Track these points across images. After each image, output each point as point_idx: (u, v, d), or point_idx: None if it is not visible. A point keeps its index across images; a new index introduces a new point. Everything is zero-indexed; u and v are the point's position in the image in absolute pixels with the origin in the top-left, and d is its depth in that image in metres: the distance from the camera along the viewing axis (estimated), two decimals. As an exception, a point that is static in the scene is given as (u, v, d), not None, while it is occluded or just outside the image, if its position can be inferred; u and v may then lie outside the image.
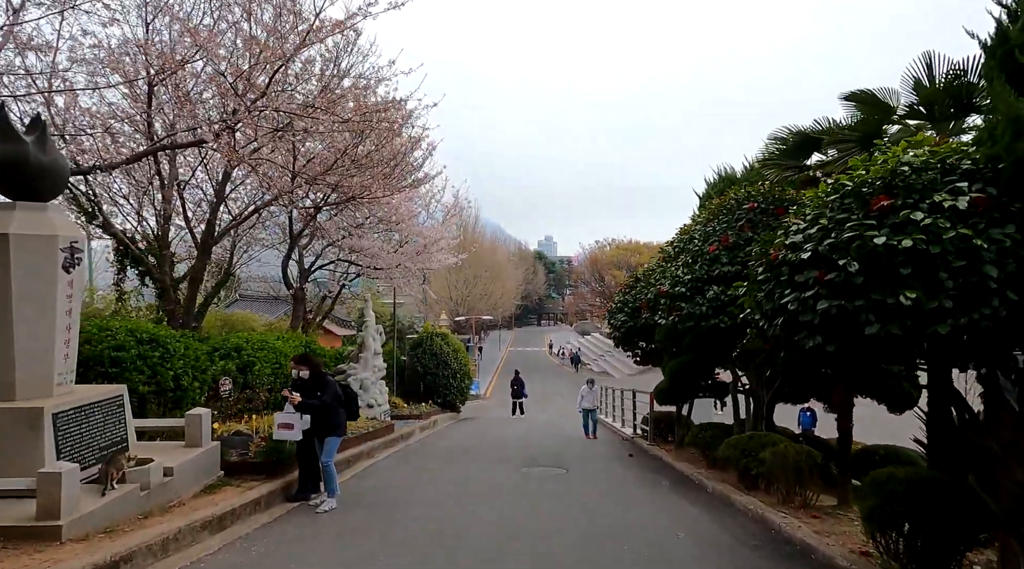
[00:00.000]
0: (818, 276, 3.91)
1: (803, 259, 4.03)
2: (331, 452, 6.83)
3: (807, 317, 4.00)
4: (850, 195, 4.01)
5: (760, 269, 4.67)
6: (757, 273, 4.74)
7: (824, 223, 4.01)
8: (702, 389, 11.66)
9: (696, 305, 8.26)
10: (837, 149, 6.78)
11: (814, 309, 3.93)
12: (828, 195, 4.22)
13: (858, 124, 6.51)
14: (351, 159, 12.33)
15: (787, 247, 4.29)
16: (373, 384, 14.74)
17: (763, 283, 4.54)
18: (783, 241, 4.39)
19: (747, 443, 8.29)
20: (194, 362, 8.92)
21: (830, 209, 4.13)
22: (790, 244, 4.26)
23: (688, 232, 9.14)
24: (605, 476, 9.58)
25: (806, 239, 4.13)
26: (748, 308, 5.13)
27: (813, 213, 4.24)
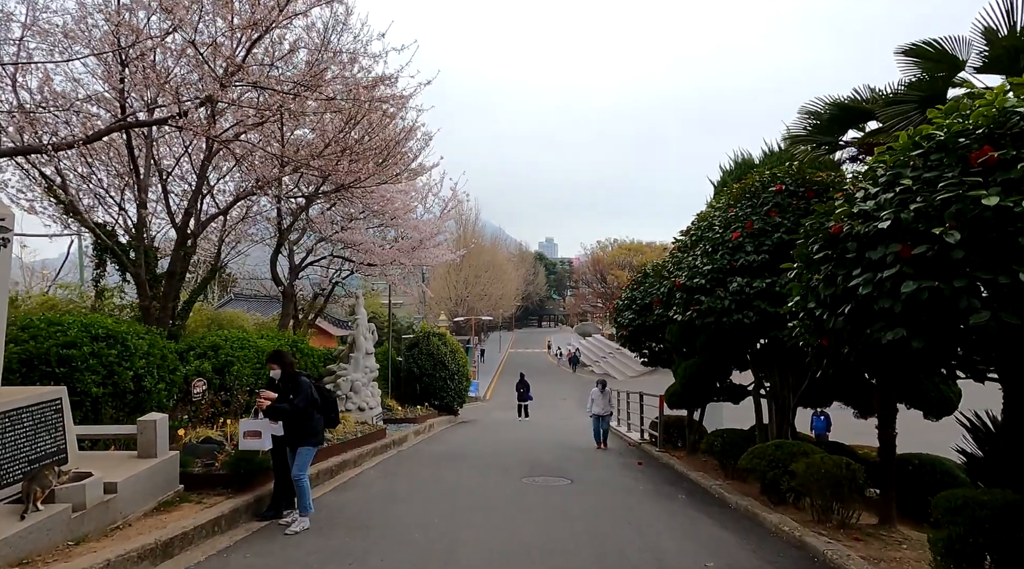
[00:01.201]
0: (901, 251, 3.07)
1: (880, 230, 3.18)
2: (304, 464, 5.96)
3: (885, 303, 3.15)
4: (940, 149, 3.16)
5: (815, 247, 3.82)
6: (811, 252, 3.88)
7: (907, 183, 3.16)
8: (717, 392, 10.81)
9: (717, 299, 7.40)
10: (891, 113, 5.91)
11: (895, 293, 3.08)
12: (909, 150, 3.36)
13: (917, 83, 5.65)
14: (341, 147, 11.49)
15: (854, 217, 3.44)
16: (365, 386, 13.88)
17: (820, 263, 3.70)
18: (847, 210, 3.53)
19: (773, 453, 7.42)
20: (160, 361, 8.07)
21: (912, 168, 3.27)
22: (858, 213, 3.41)
23: (706, 218, 8.29)
24: (613, 488, 8.72)
25: (881, 205, 3.27)
26: (796, 296, 4.27)
27: (888, 174, 3.39)
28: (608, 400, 14.24)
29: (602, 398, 14.05)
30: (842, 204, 3.66)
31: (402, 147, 13.85)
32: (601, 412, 13.97)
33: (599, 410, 13.98)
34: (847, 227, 3.43)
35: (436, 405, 19.93)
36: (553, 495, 8.03)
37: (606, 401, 14.11)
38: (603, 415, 14.01)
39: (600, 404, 14.00)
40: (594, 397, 14.13)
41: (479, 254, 53.54)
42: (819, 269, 3.72)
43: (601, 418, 13.96)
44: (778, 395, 8.69)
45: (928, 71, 5.53)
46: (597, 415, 13.97)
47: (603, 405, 14.03)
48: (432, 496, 7.73)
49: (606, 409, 14.12)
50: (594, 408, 14.02)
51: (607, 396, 14.23)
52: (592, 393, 14.25)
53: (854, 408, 9.21)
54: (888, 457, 6.67)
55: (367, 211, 16.66)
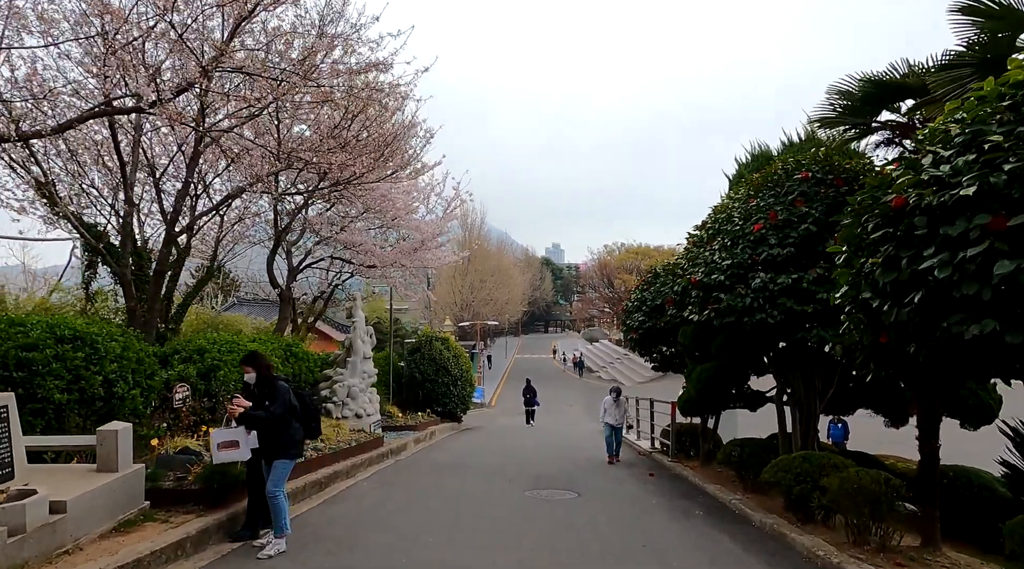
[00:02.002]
0: (991, 223, 2.45)
1: (961, 198, 2.56)
2: (280, 479, 5.35)
3: (969, 289, 2.53)
4: (1036, 97, 2.55)
5: (871, 225, 3.19)
6: (863, 232, 3.26)
7: (997, 140, 2.54)
8: (734, 399, 10.13)
9: (738, 296, 6.76)
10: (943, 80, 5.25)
11: (983, 276, 2.46)
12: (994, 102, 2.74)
13: (975, 45, 4.99)
14: (339, 143, 10.95)
15: (923, 186, 2.82)
16: (362, 392, 13.28)
17: (877, 244, 3.07)
18: (912, 178, 2.91)
19: (800, 466, 6.76)
20: (136, 365, 7.48)
21: (1000, 122, 2.65)
22: (929, 180, 2.78)
23: (724, 210, 7.66)
24: (625, 502, 8.07)
25: (959, 170, 2.65)
26: (844, 285, 3.64)
27: (966, 133, 2.76)
28: (623, 410, 12.97)
29: (616, 407, 12.73)
30: (904, 171, 3.04)
31: (402, 143, 13.31)
32: (615, 423, 12.64)
33: (612, 421, 12.65)
34: (913, 198, 2.82)
35: (439, 412, 19.31)
36: (559, 511, 7.39)
37: (621, 411, 12.80)
38: (617, 426, 12.69)
39: (614, 414, 12.70)
40: (607, 406, 12.80)
41: (485, 259, 53.03)
42: (875, 251, 3.10)
43: (615, 429, 12.66)
44: (802, 402, 8.03)
45: (989, 30, 4.89)
46: (610, 426, 12.66)
47: (617, 415, 12.71)
48: (425, 512, 7.11)
49: (620, 420, 12.77)
50: (607, 418, 12.72)
51: (622, 406, 12.92)
52: (605, 402, 12.95)
53: (885, 416, 8.53)
54: (930, 471, 6.00)
55: (368, 211, 16.09)
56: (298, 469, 7.93)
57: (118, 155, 10.74)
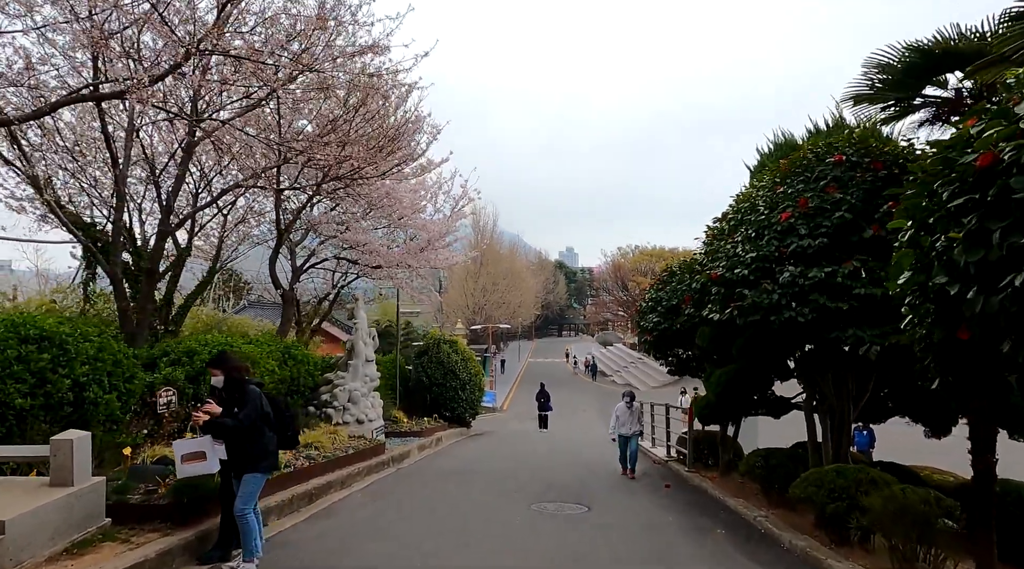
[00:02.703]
0: None
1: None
2: (249, 496, 4.78)
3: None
4: None
5: (946, 194, 2.56)
6: (934, 203, 2.63)
7: None
8: (756, 405, 9.45)
9: (763, 293, 6.10)
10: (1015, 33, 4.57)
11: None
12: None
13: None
14: (340, 138, 10.45)
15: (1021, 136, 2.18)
16: (364, 396, 12.74)
17: (957, 215, 2.45)
18: (1005, 129, 2.28)
19: (834, 480, 6.09)
20: (112, 368, 6.99)
21: None
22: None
23: (748, 198, 7.00)
24: (639, 518, 7.42)
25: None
26: (907, 270, 3.00)
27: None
28: (638, 418, 11.51)
29: (629, 415, 11.34)
30: (991, 123, 2.41)
31: (408, 140, 12.79)
32: (628, 433, 11.24)
33: (626, 430, 11.25)
34: (1009, 153, 2.19)
35: (447, 417, 18.73)
36: (567, 529, 6.77)
37: (634, 418, 11.37)
38: (631, 436, 11.28)
39: (627, 422, 11.31)
40: (619, 413, 11.41)
41: (497, 261, 52.51)
42: (952, 224, 2.47)
43: (629, 439, 11.28)
44: (834, 409, 7.33)
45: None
46: (623, 436, 11.30)
47: (631, 423, 11.31)
48: (420, 528, 6.53)
49: (634, 428, 11.33)
50: (620, 427, 11.32)
51: (636, 412, 11.46)
52: (617, 409, 11.52)
53: (925, 425, 7.80)
54: (986, 490, 5.28)
55: (373, 209, 15.58)
56: (285, 480, 7.39)
57: (109, 149, 10.30)
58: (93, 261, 13.76)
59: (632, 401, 11.53)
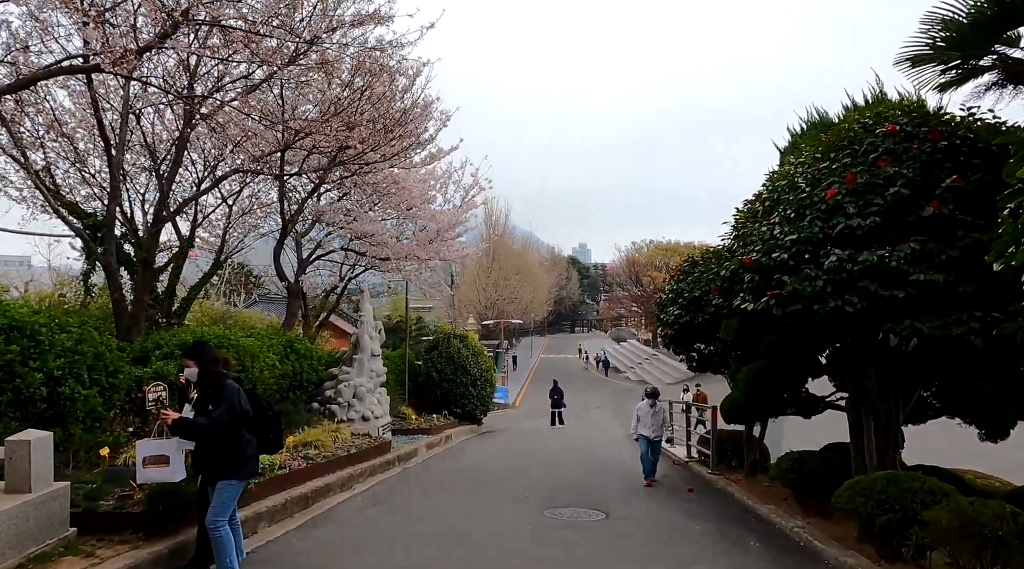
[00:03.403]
0: None
1: None
2: (223, 507, 4.22)
3: None
4: None
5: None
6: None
7: None
8: (786, 403, 8.77)
9: (805, 280, 5.44)
10: None
11: None
12: None
13: None
14: (345, 122, 9.92)
15: None
16: (370, 392, 12.21)
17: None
18: None
19: (885, 489, 5.43)
20: (93, 361, 6.48)
21: None
22: None
23: (786, 176, 6.32)
24: (662, 526, 6.80)
25: None
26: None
27: None
28: (662, 419, 10.17)
29: (652, 415, 9.95)
30: None
31: (415, 125, 12.21)
32: (651, 435, 9.88)
33: (649, 432, 9.87)
34: None
35: (457, 413, 18.18)
36: (584, 538, 6.18)
37: (659, 420, 10.00)
38: (655, 439, 9.94)
39: (650, 423, 9.91)
40: (640, 413, 10.01)
41: (509, 256, 51.94)
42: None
43: (652, 443, 9.92)
44: (878, 409, 6.65)
45: None
46: (646, 438, 9.91)
47: (654, 425, 9.93)
48: (423, 537, 5.96)
49: (658, 431, 9.98)
50: (641, 428, 9.94)
51: (660, 414, 10.08)
52: (639, 408, 10.15)
53: (980, 427, 7.09)
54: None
55: (379, 194, 15.03)
56: (280, 482, 6.87)
57: (102, 132, 9.84)
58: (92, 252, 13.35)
59: (656, 400, 10.14)
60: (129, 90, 10.36)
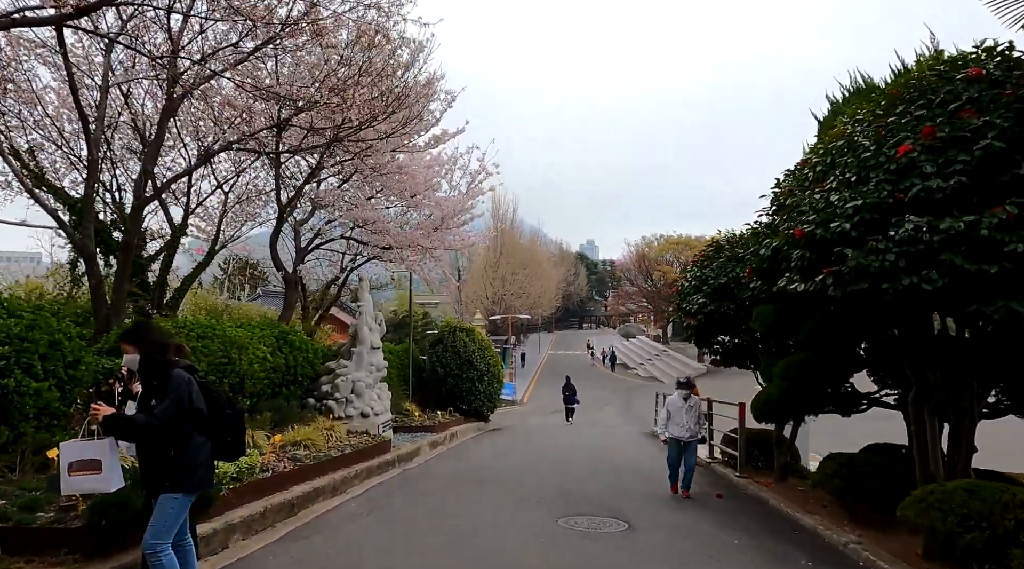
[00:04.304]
0: None
1: None
2: (164, 526, 3.40)
3: None
4: None
5: None
6: None
7: None
8: (827, 400, 7.89)
9: (872, 254, 4.57)
10: None
11: None
12: None
13: None
14: (335, 83, 9.17)
15: None
16: (369, 387, 11.43)
17: None
18: None
19: (968, 502, 4.58)
20: (48, 350, 5.71)
21: None
22: None
23: (842, 136, 5.44)
24: (695, 540, 5.96)
25: None
26: None
27: None
28: (697, 416, 8.34)
29: (687, 412, 8.18)
30: None
31: (416, 100, 11.39)
32: (685, 435, 8.11)
33: (682, 432, 8.10)
34: None
35: (464, 410, 17.38)
36: (605, 553, 5.35)
37: (694, 416, 8.22)
38: (689, 440, 8.16)
39: (683, 421, 8.12)
40: (671, 409, 8.23)
41: (517, 251, 51.11)
42: None
43: (686, 446, 8.17)
44: (942, 406, 5.78)
45: None
46: (678, 439, 8.14)
47: (689, 423, 8.14)
48: (420, 553, 5.16)
49: (693, 430, 8.18)
50: (672, 427, 8.16)
51: (695, 409, 8.32)
52: (668, 403, 8.36)
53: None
54: None
55: (384, 187, 14.24)
56: (260, 487, 6.07)
57: (77, 106, 9.08)
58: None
59: (690, 390, 8.41)
60: (109, 60, 9.62)
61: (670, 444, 8.29)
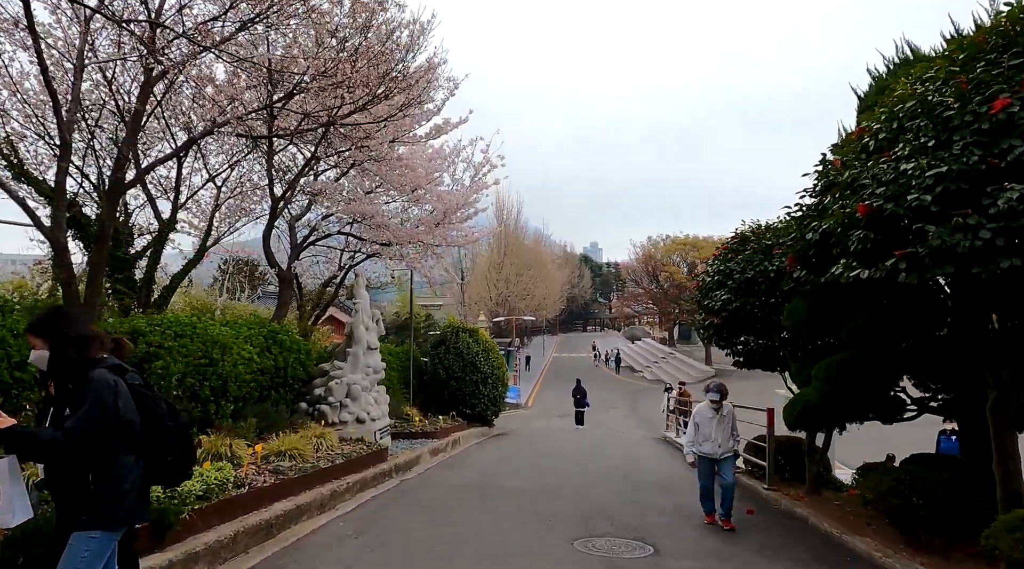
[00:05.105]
0: None
1: None
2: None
3: None
4: None
5: None
6: None
7: None
8: (871, 406, 7.07)
9: (960, 231, 3.78)
10: None
11: None
12: None
13: None
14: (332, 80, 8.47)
15: None
16: (366, 391, 10.65)
17: None
18: None
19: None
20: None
21: None
22: None
23: (911, 96, 4.63)
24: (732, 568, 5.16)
25: None
26: None
27: None
28: (731, 427, 6.88)
29: (719, 423, 6.78)
30: None
31: (419, 85, 10.63)
32: (719, 452, 6.72)
33: (714, 448, 6.73)
34: None
35: (467, 414, 16.60)
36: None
37: (726, 429, 6.80)
38: (723, 457, 6.74)
39: (715, 434, 6.75)
40: (699, 420, 6.88)
41: (521, 252, 50.38)
42: None
43: (719, 465, 6.76)
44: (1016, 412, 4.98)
45: None
46: (709, 458, 6.77)
47: (721, 438, 6.75)
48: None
49: (727, 446, 6.77)
50: (702, 442, 6.82)
51: (729, 418, 6.87)
52: (696, 413, 7.02)
53: None
54: None
55: (381, 178, 13.47)
56: (229, 508, 5.28)
57: (47, 84, 8.32)
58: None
59: (722, 399, 6.81)
60: (85, 36, 8.89)
61: (700, 464, 6.85)
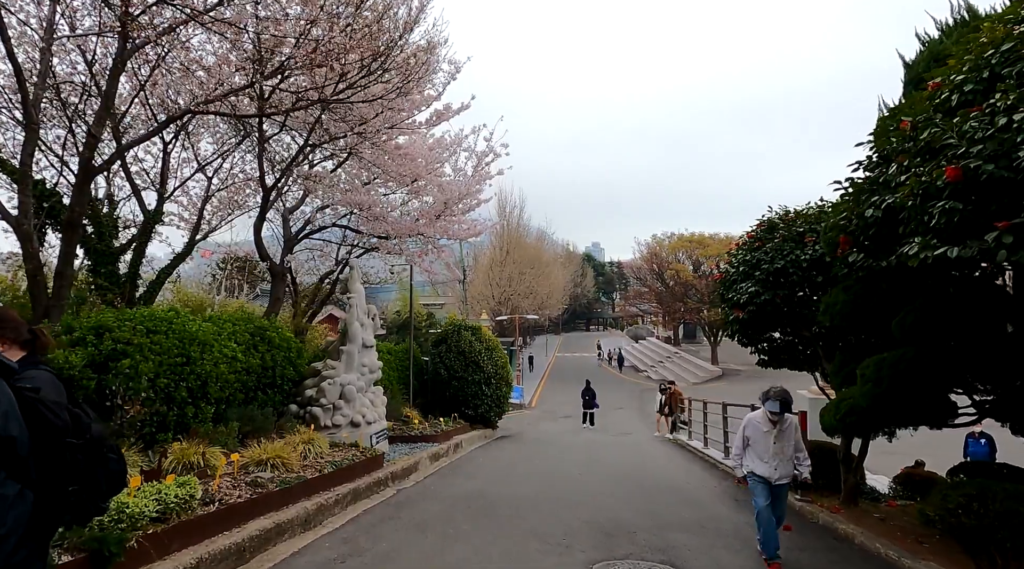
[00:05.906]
0: None
1: None
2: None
3: None
4: None
5: None
6: None
7: None
8: (925, 410, 6.29)
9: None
10: None
11: None
12: None
13: None
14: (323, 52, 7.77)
15: None
16: (361, 392, 9.92)
17: None
18: None
19: None
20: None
21: None
22: None
23: (1003, 38, 3.86)
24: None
25: None
26: None
27: None
28: (796, 446, 5.59)
29: (775, 437, 5.49)
30: None
31: (417, 61, 9.87)
32: (776, 476, 5.47)
33: (768, 471, 5.49)
34: None
35: (469, 416, 15.86)
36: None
37: (789, 443, 5.54)
38: (780, 482, 5.50)
39: (770, 452, 5.49)
40: (752, 433, 5.63)
41: (524, 250, 49.65)
42: None
43: (777, 489, 5.53)
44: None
45: None
46: (764, 481, 5.51)
47: (779, 457, 5.48)
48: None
49: (786, 468, 5.52)
50: (753, 461, 5.61)
51: (791, 430, 5.57)
52: (747, 424, 5.73)
53: None
54: None
55: (380, 168, 12.75)
56: (195, 528, 4.53)
57: (11, 59, 7.63)
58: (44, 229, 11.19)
59: (783, 411, 5.45)
60: (54, 9, 8.17)
61: (753, 485, 5.51)
